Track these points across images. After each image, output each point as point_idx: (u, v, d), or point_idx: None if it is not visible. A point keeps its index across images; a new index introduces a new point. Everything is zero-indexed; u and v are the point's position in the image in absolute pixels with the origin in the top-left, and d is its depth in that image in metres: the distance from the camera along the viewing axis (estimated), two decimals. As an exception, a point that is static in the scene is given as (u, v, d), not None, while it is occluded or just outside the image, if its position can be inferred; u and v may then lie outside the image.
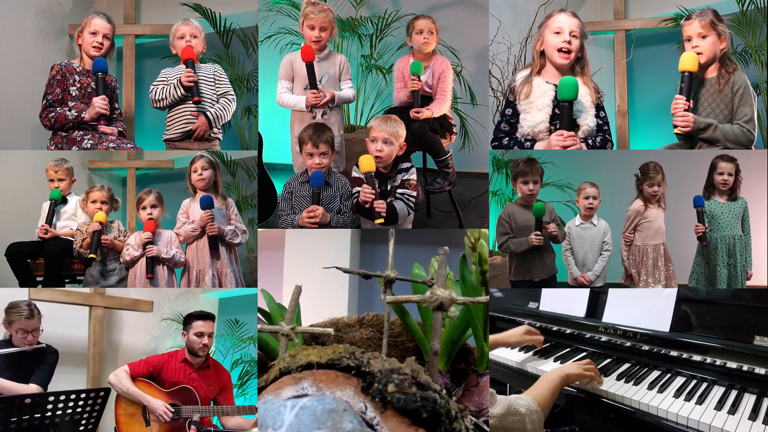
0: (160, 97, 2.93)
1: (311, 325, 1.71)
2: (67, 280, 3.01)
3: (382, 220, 2.57)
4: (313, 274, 2.53)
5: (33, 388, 2.64)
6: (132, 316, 3.52)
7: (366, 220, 2.71)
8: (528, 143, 2.68)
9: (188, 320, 2.91)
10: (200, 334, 2.86)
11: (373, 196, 2.56)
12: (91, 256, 2.84)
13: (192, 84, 2.88)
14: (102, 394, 2.45)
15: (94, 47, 2.88)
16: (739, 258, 2.96)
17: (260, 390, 1.24)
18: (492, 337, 2.36)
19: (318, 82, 2.87)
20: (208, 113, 2.95)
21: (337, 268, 1.74)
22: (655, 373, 2.15)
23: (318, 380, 1.18)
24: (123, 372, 2.79)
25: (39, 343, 2.75)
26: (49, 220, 2.93)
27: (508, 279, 3.05)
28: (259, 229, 3.24)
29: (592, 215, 3.12)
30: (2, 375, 2.62)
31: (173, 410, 2.75)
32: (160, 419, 2.72)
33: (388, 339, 1.56)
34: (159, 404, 2.73)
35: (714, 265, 2.97)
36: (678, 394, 1.95)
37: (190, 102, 2.92)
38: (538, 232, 2.84)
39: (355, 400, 1.15)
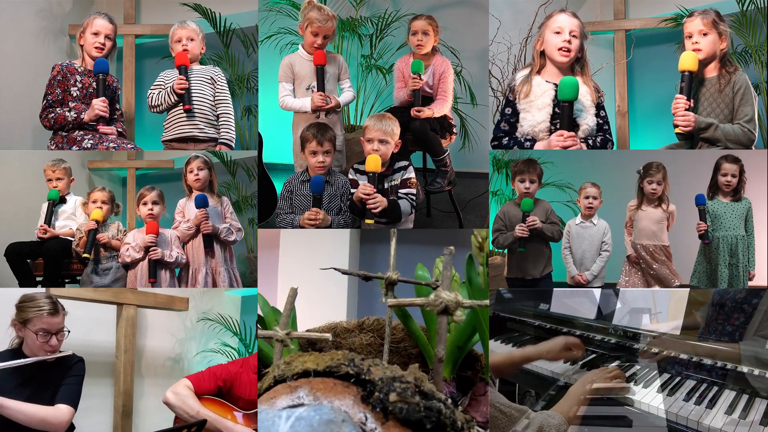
0: (155, 103, 2.86)
1: (307, 330, 1.60)
2: (67, 281, 2.92)
3: (372, 222, 2.48)
4: (309, 276, 2.36)
5: (63, 410, 2.04)
6: (152, 316, 3.08)
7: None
8: (528, 143, 2.61)
9: None
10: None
11: (371, 193, 2.47)
12: (85, 255, 2.71)
13: (183, 92, 2.80)
14: (194, 429, 1.91)
15: (96, 48, 2.81)
16: (741, 258, 2.89)
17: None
18: (526, 351, 2.15)
19: (321, 85, 2.81)
20: (228, 143, 2.91)
21: (335, 269, 1.62)
22: (665, 376, 2.06)
23: (315, 389, 1.09)
24: (185, 389, 2.15)
25: (61, 350, 2.12)
26: (48, 220, 2.86)
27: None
28: (259, 230, 3.16)
29: (592, 215, 3.05)
30: (17, 395, 1.97)
31: None
32: None
33: (389, 345, 1.44)
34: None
35: (715, 265, 2.91)
36: (688, 397, 1.85)
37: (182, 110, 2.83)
38: (523, 224, 2.82)
39: (355, 410, 1.06)
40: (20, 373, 2.01)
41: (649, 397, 1.88)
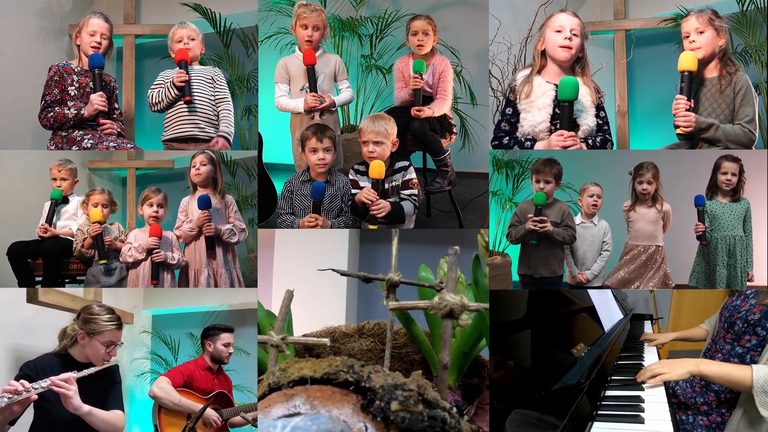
0: (156, 101, 2.78)
1: (304, 335, 1.49)
2: (67, 281, 2.84)
3: (375, 227, 2.43)
4: (306, 277, 2.31)
5: (122, 416, 2.14)
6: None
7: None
8: (528, 143, 2.54)
9: (213, 333, 2.94)
10: (228, 344, 2.93)
11: (375, 199, 2.42)
12: (102, 262, 2.70)
13: (183, 84, 2.71)
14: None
15: (92, 47, 2.73)
16: (740, 259, 2.82)
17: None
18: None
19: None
20: (227, 137, 2.81)
21: (333, 270, 1.52)
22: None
23: (312, 397, 1.01)
24: (167, 384, 2.61)
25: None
26: (49, 220, 2.79)
27: (510, 277, 2.93)
28: (259, 230, 3.08)
29: (594, 214, 2.98)
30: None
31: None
32: (213, 426, 2.66)
33: (391, 350, 1.35)
34: (211, 412, 2.67)
35: (714, 265, 2.85)
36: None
37: (183, 102, 2.76)
38: (534, 217, 2.73)
39: (354, 419, 0.98)
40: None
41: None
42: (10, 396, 1.77)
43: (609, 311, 2.95)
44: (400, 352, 1.58)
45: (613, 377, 2.17)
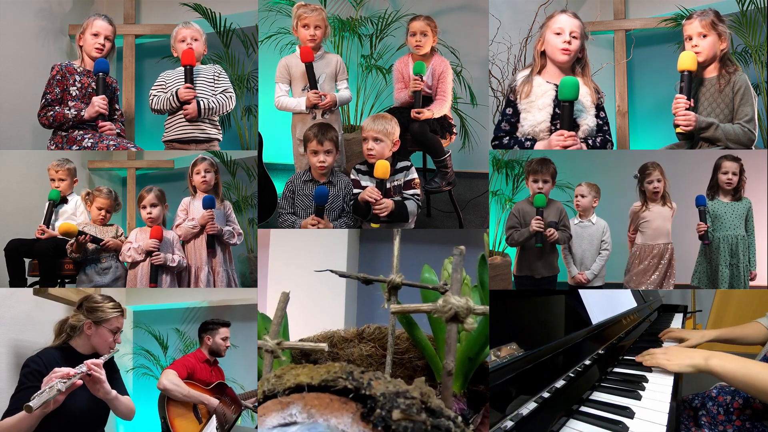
0: (157, 108, 2.74)
1: (301, 340, 1.42)
2: (67, 281, 2.76)
3: (378, 226, 2.39)
4: (303, 279, 2.23)
5: (131, 401, 2.15)
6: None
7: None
8: (528, 143, 2.48)
9: (212, 327, 2.94)
10: (225, 338, 2.93)
11: (379, 198, 2.38)
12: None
13: (191, 98, 2.67)
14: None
15: (96, 48, 2.70)
16: (742, 258, 2.76)
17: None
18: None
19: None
20: (201, 102, 2.73)
21: (331, 271, 1.43)
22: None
23: (309, 405, 0.93)
24: (175, 377, 2.63)
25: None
26: (47, 220, 2.72)
27: (510, 277, 2.86)
28: (259, 230, 3.01)
29: (584, 214, 2.93)
30: (83, 392, 1.90)
31: None
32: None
33: (392, 356, 1.27)
34: (216, 402, 2.73)
35: (716, 265, 2.78)
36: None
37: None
38: (539, 218, 2.68)
39: (354, 428, 0.90)
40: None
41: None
42: (64, 381, 1.73)
43: (615, 298, 2.57)
44: (402, 357, 1.48)
45: (590, 398, 1.55)
